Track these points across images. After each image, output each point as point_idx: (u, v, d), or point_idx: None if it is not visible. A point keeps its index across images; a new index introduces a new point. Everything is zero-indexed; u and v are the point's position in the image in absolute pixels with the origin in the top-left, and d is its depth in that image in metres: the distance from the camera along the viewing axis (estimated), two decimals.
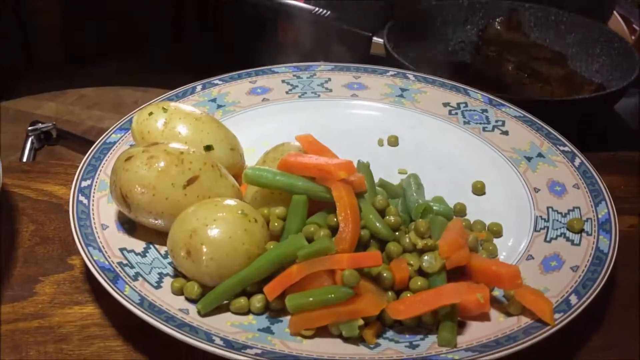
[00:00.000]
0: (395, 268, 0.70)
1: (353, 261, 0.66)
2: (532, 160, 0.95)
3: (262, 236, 0.72)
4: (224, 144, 0.88)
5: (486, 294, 0.68)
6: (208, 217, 0.71)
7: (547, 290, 0.73)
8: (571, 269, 0.76)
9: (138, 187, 0.75)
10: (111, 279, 0.71)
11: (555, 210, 0.86)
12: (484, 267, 0.70)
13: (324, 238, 0.69)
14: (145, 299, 0.69)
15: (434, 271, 0.69)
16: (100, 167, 0.88)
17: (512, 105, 1.05)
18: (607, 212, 0.83)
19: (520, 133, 1.00)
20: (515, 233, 0.84)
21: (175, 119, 0.87)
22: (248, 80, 1.11)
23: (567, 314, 0.69)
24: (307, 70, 1.14)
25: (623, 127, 1.42)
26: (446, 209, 0.85)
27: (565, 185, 0.89)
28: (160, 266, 0.75)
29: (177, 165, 0.76)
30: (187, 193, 0.76)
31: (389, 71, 1.14)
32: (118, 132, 0.95)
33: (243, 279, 0.69)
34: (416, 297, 0.67)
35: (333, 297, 0.65)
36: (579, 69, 1.43)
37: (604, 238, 0.79)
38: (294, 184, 0.75)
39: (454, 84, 1.11)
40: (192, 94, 1.06)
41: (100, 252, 0.75)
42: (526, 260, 0.78)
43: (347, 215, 0.70)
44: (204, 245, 0.69)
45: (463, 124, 1.03)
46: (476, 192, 0.92)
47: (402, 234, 0.74)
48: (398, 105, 1.08)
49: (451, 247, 0.70)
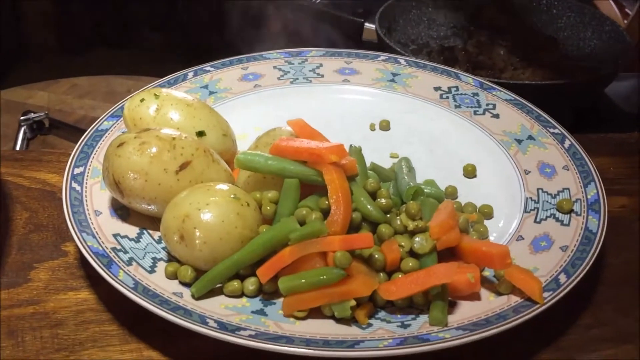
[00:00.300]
0: (386, 250, 0.71)
1: (345, 243, 0.67)
2: (522, 143, 0.95)
3: (254, 220, 0.73)
4: (216, 129, 0.88)
5: (477, 273, 0.69)
6: (201, 202, 0.71)
7: (536, 269, 0.74)
8: (560, 248, 0.76)
9: (131, 173, 0.75)
10: (105, 264, 0.71)
11: (545, 191, 0.86)
12: (474, 248, 0.71)
13: (315, 221, 0.70)
14: (139, 284, 0.70)
15: (424, 252, 0.70)
16: (92, 154, 0.89)
17: (503, 88, 1.05)
18: (597, 193, 0.84)
19: (511, 116, 1.00)
20: (506, 214, 0.85)
21: (167, 105, 0.88)
22: (240, 66, 1.11)
23: (556, 293, 0.70)
24: (298, 56, 1.14)
25: (614, 110, 1.43)
26: (437, 191, 0.86)
27: (555, 166, 0.90)
28: (154, 251, 0.76)
29: (169, 151, 0.76)
30: (180, 178, 0.76)
31: (380, 56, 1.14)
32: (110, 119, 0.96)
33: (236, 262, 0.70)
34: (407, 278, 0.68)
35: (325, 279, 0.66)
36: (570, 52, 1.44)
37: (593, 218, 0.80)
38: (286, 168, 0.75)
39: (445, 68, 1.11)
40: (183, 81, 1.06)
41: (94, 238, 0.75)
42: (516, 241, 0.79)
43: (338, 197, 0.70)
44: (197, 230, 0.70)
45: (454, 108, 1.04)
46: (467, 175, 0.93)
47: (393, 216, 0.75)
48: (389, 90, 1.08)
49: (442, 228, 0.71)
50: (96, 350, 0.70)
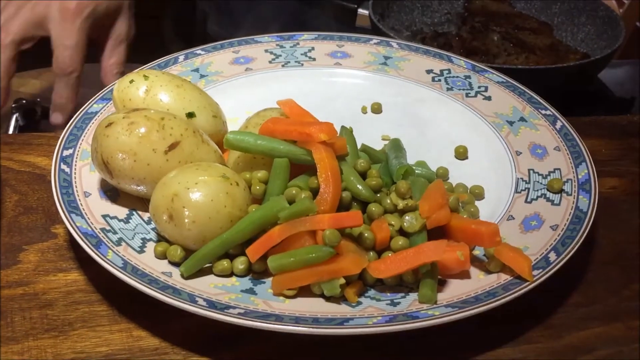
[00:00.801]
0: (376, 228, 0.70)
1: (334, 221, 0.67)
2: (514, 125, 0.95)
3: (244, 199, 0.73)
4: (206, 111, 0.88)
5: (466, 251, 0.69)
6: (190, 181, 0.71)
7: (526, 248, 0.74)
8: (551, 227, 0.76)
9: (119, 153, 0.75)
10: (94, 244, 0.71)
11: (536, 172, 0.86)
12: (463, 226, 0.71)
13: (305, 199, 0.69)
14: (128, 263, 0.70)
15: (414, 231, 0.70)
16: (82, 136, 0.88)
17: (495, 71, 1.05)
18: (587, 173, 0.84)
19: (503, 98, 1.00)
20: (497, 195, 0.85)
21: (156, 87, 0.87)
22: (231, 50, 1.10)
23: (545, 270, 0.70)
24: (290, 40, 1.13)
25: (608, 95, 1.43)
26: (428, 172, 0.85)
27: (547, 147, 0.90)
28: (143, 232, 0.76)
29: (158, 131, 0.76)
30: (169, 159, 0.76)
31: (373, 39, 1.13)
32: (100, 102, 0.95)
33: (225, 241, 0.69)
34: (397, 256, 0.68)
35: (314, 257, 0.66)
36: (564, 38, 1.44)
37: (584, 198, 0.80)
38: (276, 148, 0.75)
39: (437, 51, 1.10)
40: (174, 64, 1.06)
41: (83, 219, 0.75)
42: (507, 220, 0.79)
43: (327, 176, 0.70)
44: (186, 209, 0.70)
45: (446, 91, 1.04)
46: (459, 157, 0.93)
47: (383, 195, 0.75)
48: (381, 73, 1.08)
49: (432, 207, 0.71)
50: (85, 331, 0.70)
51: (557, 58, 1.33)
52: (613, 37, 1.32)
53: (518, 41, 1.39)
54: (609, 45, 1.30)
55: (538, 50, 1.37)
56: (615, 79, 1.47)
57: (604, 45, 1.33)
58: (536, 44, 1.39)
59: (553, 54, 1.36)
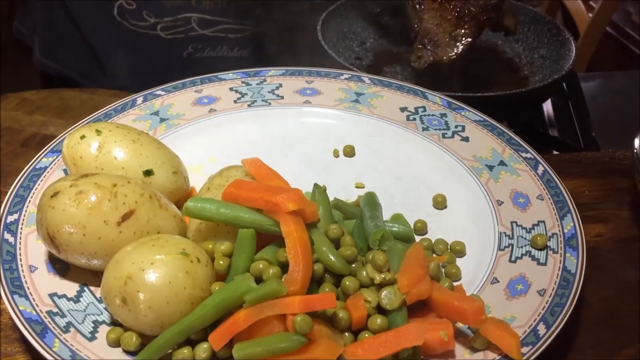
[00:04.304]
0: (352, 306, 0.65)
1: (305, 305, 0.61)
2: (494, 169, 0.90)
3: (206, 277, 0.66)
4: (165, 167, 0.81)
5: (450, 330, 0.64)
6: (145, 260, 0.64)
7: (513, 318, 0.68)
8: (538, 292, 0.72)
9: (66, 227, 0.68)
10: (39, 332, 0.64)
11: (519, 225, 0.81)
12: (446, 302, 0.66)
13: (272, 279, 0.63)
14: (77, 355, 0.63)
15: (393, 308, 0.64)
16: (29, 197, 0.81)
17: (472, 108, 1.00)
18: (573, 227, 0.79)
19: (481, 139, 0.95)
20: (479, 252, 0.80)
21: (110, 142, 0.80)
22: (193, 89, 1.03)
23: (535, 347, 0.65)
24: (256, 76, 1.07)
25: None
26: (406, 230, 0.80)
27: (529, 196, 0.85)
28: (95, 312, 0.69)
29: (110, 200, 0.69)
30: (123, 230, 0.69)
31: (343, 74, 1.08)
32: (49, 154, 0.88)
33: (186, 327, 0.63)
34: (375, 340, 0.62)
35: (284, 347, 0.59)
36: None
37: (571, 256, 0.75)
38: (240, 217, 0.68)
39: (411, 86, 1.05)
40: (132, 108, 0.98)
41: (27, 301, 0.67)
42: (491, 284, 0.74)
43: (297, 252, 0.64)
44: (141, 293, 0.63)
45: (422, 131, 0.98)
46: (437, 207, 0.88)
47: (358, 265, 0.69)
48: (354, 112, 1.02)
49: (411, 280, 0.65)
50: None
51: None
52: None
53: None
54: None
55: None
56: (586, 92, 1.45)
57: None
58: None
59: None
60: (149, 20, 1.39)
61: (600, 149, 1.20)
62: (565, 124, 1.39)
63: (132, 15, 1.39)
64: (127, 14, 1.38)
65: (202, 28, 1.40)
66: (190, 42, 1.44)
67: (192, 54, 1.45)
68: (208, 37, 1.44)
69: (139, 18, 1.39)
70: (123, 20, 1.39)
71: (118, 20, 1.40)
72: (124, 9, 1.38)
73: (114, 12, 1.40)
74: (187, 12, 1.39)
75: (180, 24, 1.40)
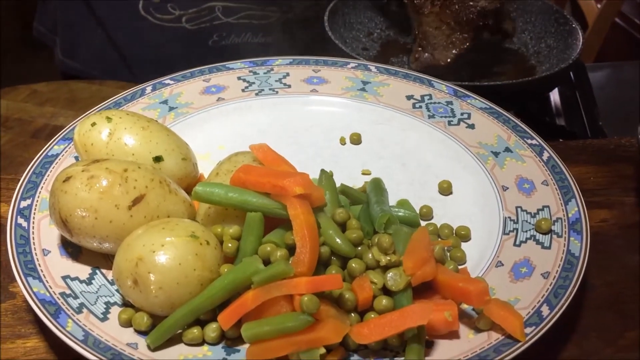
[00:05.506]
0: (358, 288, 0.66)
1: (312, 285, 0.62)
2: (499, 156, 0.91)
3: (215, 259, 0.67)
4: (174, 153, 0.83)
5: (454, 311, 0.65)
6: (155, 243, 0.65)
7: (517, 300, 0.69)
8: (542, 275, 0.72)
9: (78, 211, 0.69)
10: (52, 313, 0.66)
11: (524, 210, 0.82)
12: (450, 283, 0.67)
13: (280, 261, 0.64)
14: (89, 335, 0.64)
15: (398, 289, 0.66)
16: (41, 184, 0.82)
17: (478, 96, 1.01)
18: (578, 211, 0.80)
19: (487, 126, 0.96)
20: (484, 236, 0.81)
21: (120, 129, 0.81)
22: (202, 78, 1.04)
23: (538, 328, 0.66)
24: (263, 65, 1.08)
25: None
26: (411, 214, 0.81)
27: (534, 182, 0.86)
28: (107, 294, 0.70)
29: (121, 185, 0.70)
30: (133, 214, 0.70)
31: (350, 63, 1.08)
32: (61, 142, 0.89)
33: (195, 308, 0.64)
34: (381, 320, 0.63)
35: (291, 326, 0.61)
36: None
37: (575, 240, 0.76)
38: (248, 201, 0.70)
39: (417, 75, 1.06)
40: (141, 97, 1.00)
41: (41, 283, 0.69)
42: (495, 267, 0.75)
43: (304, 235, 0.65)
44: (152, 274, 0.64)
45: (428, 118, 0.99)
46: (443, 192, 0.89)
47: (364, 248, 0.70)
48: (360, 100, 1.03)
49: (416, 263, 0.66)
50: None
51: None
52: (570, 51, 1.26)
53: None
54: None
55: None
56: (594, 83, 1.44)
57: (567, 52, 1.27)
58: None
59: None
60: (174, 12, 1.40)
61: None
62: (572, 114, 1.39)
63: (157, 9, 1.40)
64: (152, 8, 1.39)
65: (226, 16, 1.41)
66: (215, 31, 1.44)
67: (217, 42, 1.45)
68: (232, 25, 1.44)
69: (164, 11, 1.40)
70: (148, 15, 1.40)
71: (143, 16, 1.41)
72: (149, 3, 1.39)
73: (138, 7, 1.40)
74: (211, 1, 1.40)
75: (204, 13, 1.41)
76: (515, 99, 1.21)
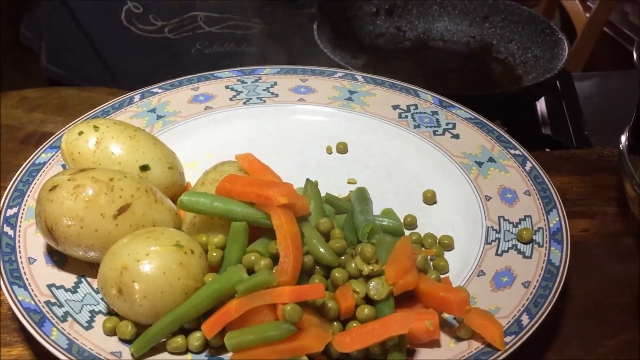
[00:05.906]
0: (340, 297, 0.67)
1: (295, 294, 0.63)
2: (483, 166, 0.92)
3: (199, 268, 0.68)
4: (161, 162, 0.83)
5: (435, 320, 0.66)
6: (140, 252, 0.66)
7: (498, 309, 0.70)
8: (523, 284, 0.74)
9: (64, 220, 0.70)
10: (37, 321, 0.66)
11: (506, 220, 0.83)
12: (432, 293, 0.68)
13: (264, 270, 0.65)
14: (74, 343, 0.65)
15: (380, 298, 0.66)
16: (28, 192, 0.83)
17: (463, 106, 1.02)
18: (559, 221, 0.81)
19: (471, 136, 0.97)
20: (466, 245, 0.82)
21: (107, 138, 0.82)
22: (189, 87, 1.05)
23: (518, 337, 0.67)
24: (251, 74, 1.09)
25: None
26: (396, 224, 0.82)
27: (517, 192, 0.87)
28: (92, 302, 0.71)
29: (107, 194, 0.71)
30: (119, 223, 0.71)
31: (337, 72, 1.10)
32: (48, 150, 0.90)
33: (180, 316, 0.65)
34: (363, 329, 0.64)
35: (274, 335, 0.61)
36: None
37: (556, 250, 0.77)
38: (233, 210, 0.70)
39: (403, 84, 1.07)
40: (129, 105, 1.00)
41: (26, 291, 0.69)
42: (477, 276, 0.76)
43: (287, 245, 0.66)
44: (136, 283, 0.65)
45: (413, 128, 1.00)
46: (427, 202, 0.90)
47: (348, 257, 0.71)
48: (347, 109, 1.04)
49: (398, 272, 0.67)
50: None
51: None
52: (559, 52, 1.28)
53: None
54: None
55: None
56: (582, 93, 1.46)
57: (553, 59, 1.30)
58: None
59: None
60: (156, 23, 1.41)
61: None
62: (558, 123, 1.41)
63: (139, 20, 1.40)
64: (134, 19, 1.39)
65: (209, 26, 1.41)
66: (198, 40, 1.45)
67: (199, 51, 1.46)
68: (215, 34, 1.45)
69: (146, 22, 1.41)
70: (130, 26, 1.40)
71: (125, 26, 1.42)
72: (132, 13, 1.40)
73: (121, 17, 1.41)
74: (193, 10, 1.41)
75: (187, 23, 1.42)
76: (502, 108, 1.23)
